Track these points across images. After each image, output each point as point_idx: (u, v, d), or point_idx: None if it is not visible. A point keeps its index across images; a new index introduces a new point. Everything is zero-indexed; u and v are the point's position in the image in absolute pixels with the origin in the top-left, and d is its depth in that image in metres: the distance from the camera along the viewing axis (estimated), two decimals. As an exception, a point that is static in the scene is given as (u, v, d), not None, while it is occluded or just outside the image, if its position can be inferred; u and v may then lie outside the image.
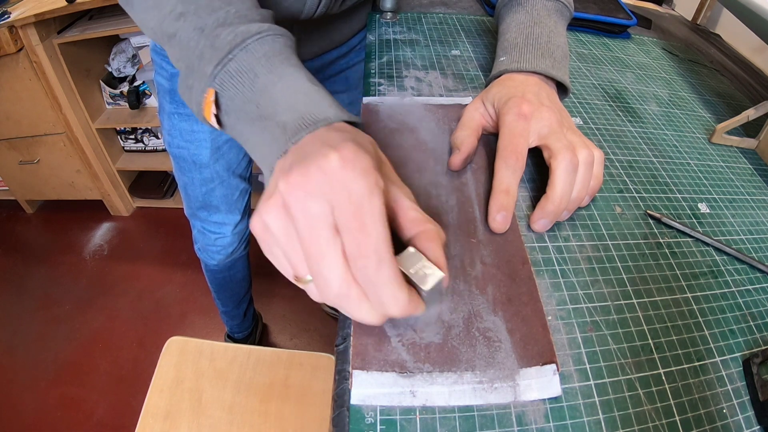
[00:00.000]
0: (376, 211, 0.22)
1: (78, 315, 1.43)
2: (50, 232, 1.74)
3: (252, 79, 0.28)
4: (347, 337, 0.29)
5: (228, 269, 0.97)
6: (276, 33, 0.30)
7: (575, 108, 0.52)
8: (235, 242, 0.90)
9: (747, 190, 0.45)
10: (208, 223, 0.85)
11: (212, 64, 0.28)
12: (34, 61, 1.28)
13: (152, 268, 1.56)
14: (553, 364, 0.27)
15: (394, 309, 0.24)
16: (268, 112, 0.27)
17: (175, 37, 0.31)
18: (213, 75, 0.28)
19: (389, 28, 0.63)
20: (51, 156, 1.54)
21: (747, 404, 0.28)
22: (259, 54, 0.29)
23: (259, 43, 0.29)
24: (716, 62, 0.73)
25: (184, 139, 0.70)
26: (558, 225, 0.37)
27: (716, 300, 0.34)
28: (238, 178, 0.80)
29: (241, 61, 0.28)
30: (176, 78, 0.64)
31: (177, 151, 0.73)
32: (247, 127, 0.28)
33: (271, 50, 0.29)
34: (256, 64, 0.28)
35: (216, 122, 0.30)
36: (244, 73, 0.28)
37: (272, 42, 0.29)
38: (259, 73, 0.28)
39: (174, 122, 0.69)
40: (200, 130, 0.69)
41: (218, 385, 0.70)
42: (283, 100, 0.27)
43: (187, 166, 0.74)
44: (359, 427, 0.25)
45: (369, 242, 0.22)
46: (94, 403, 1.21)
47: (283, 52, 0.30)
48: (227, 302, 1.12)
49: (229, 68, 0.28)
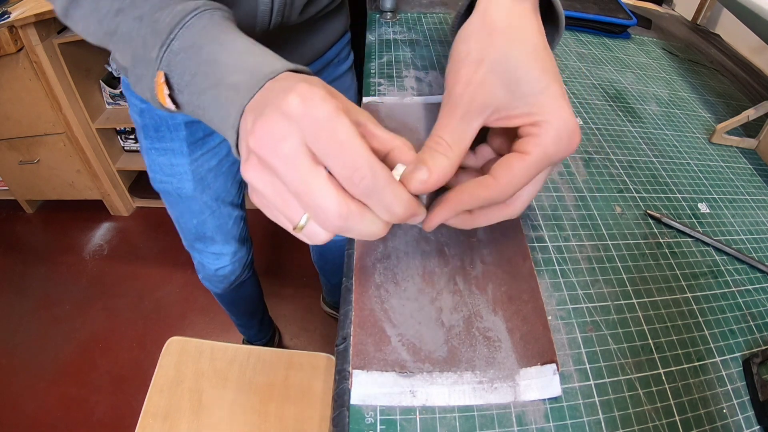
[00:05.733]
0: (348, 128, 0.22)
1: (78, 315, 1.43)
2: (50, 232, 1.74)
3: (197, 52, 0.28)
4: (347, 337, 0.29)
5: (235, 291, 0.96)
6: (214, 7, 0.31)
7: (575, 108, 0.52)
8: (237, 270, 0.88)
9: (747, 190, 0.45)
10: (206, 254, 0.84)
11: (156, 47, 0.29)
12: (34, 61, 1.28)
13: (152, 268, 1.56)
14: (553, 364, 0.27)
15: (399, 208, 0.24)
16: (218, 79, 0.28)
17: (116, 33, 0.31)
18: (159, 58, 0.29)
19: (389, 28, 0.63)
20: (51, 156, 1.54)
21: (747, 404, 0.28)
22: (199, 27, 0.29)
23: (198, 18, 0.29)
24: (716, 62, 0.73)
25: (165, 173, 0.69)
26: (558, 225, 0.37)
27: (716, 300, 0.34)
28: (229, 206, 0.77)
29: (183, 38, 0.29)
30: (146, 113, 0.62)
31: (161, 185, 0.71)
32: (202, 99, 0.29)
33: (210, 23, 0.30)
34: (198, 37, 0.29)
35: (172, 103, 0.30)
36: (189, 49, 0.29)
37: (210, 15, 0.30)
38: (203, 44, 0.29)
39: (152, 158, 0.67)
40: (179, 163, 0.67)
41: (218, 385, 0.70)
42: (230, 64, 0.28)
43: (174, 199, 0.73)
44: (359, 427, 0.25)
45: (354, 156, 0.22)
46: (94, 403, 1.21)
47: (222, 23, 0.30)
48: (240, 316, 1.12)
49: (173, 47, 0.29)
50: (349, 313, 0.30)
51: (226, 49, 0.29)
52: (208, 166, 0.69)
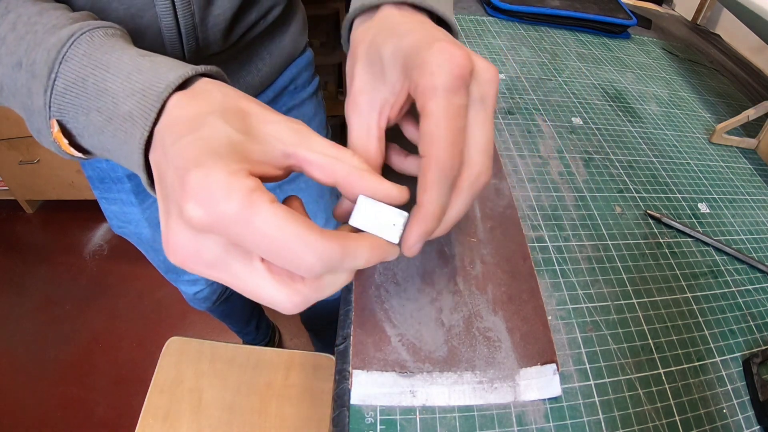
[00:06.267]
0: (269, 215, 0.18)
1: (78, 315, 1.43)
2: (50, 232, 1.74)
3: (82, 86, 0.24)
4: (347, 337, 0.29)
5: (223, 305, 0.93)
6: (92, 27, 0.26)
7: (575, 108, 0.52)
8: (217, 290, 0.85)
9: (747, 190, 0.45)
10: (181, 282, 0.81)
11: (41, 94, 0.25)
12: (34, 61, 1.28)
13: (152, 268, 1.53)
14: (553, 364, 0.27)
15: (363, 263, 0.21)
16: (111, 111, 0.24)
17: (2, 90, 0.27)
18: (47, 105, 0.25)
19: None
20: (51, 156, 1.53)
21: (747, 404, 0.28)
22: (80, 56, 0.25)
23: (76, 46, 0.25)
24: (716, 62, 0.73)
25: (120, 220, 0.64)
26: (558, 225, 0.37)
27: (716, 300, 0.34)
28: None
29: (65, 74, 0.25)
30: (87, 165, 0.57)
31: (120, 231, 0.67)
32: (102, 140, 0.25)
33: (90, 47, 0.25)
34: (80, 68, 0.25)
35: (78, 152, 0.27)
36: (73, 84, 0.25)
37: (89, 39, 0.25)
38: (87, 75, 0.24)
39: (105, 206, 0.63)
40: (131, 211, 0.61)
41: (218, 385, 0.70)
42: (119, 90, 0.24)
43: (135, 242, 0.70)
44: (359, 427, 0.25)
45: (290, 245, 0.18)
46: (94, 403, 1.21)
47: (105, 43, 0.26)
48: (235, 324, 1.11)
49: (57, 89, 0.25)
50: (349, 313, 0.30)
51: (112, 72, 0.24)
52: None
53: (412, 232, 0.22)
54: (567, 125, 0.49)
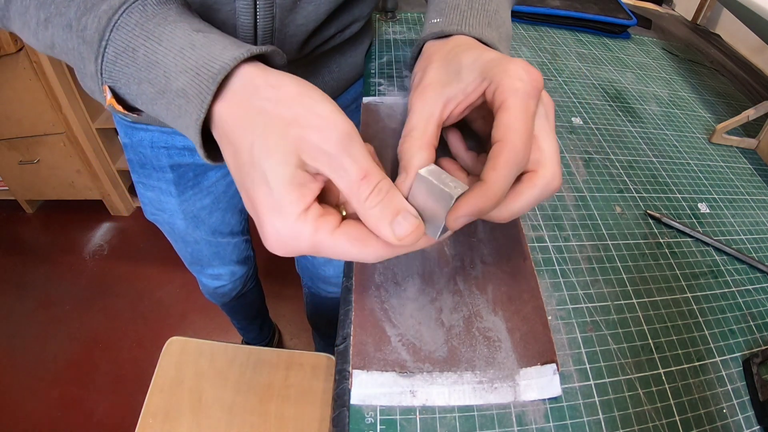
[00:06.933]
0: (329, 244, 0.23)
1: (78, 315, 1.43)
2: (50, 232, 1.74)
3: (132, 56, 0.25)
4: (347, 337, 0.29)
5: (237, 300, 0.94)
6: None
7: (575, 108, 0.52)
8: (237, 287, 0.86)
9: (747, 190, 0.45)
10: (204, 275, 0.81)
11: (92, 61, 0.25)
12: (34, 61, 1.28)
13: (152, 268, 1.55)
14: (553, 364, 0.27)
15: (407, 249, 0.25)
16: (163, 85, 0.24)
17: (54, 46, 0.28)
18: (98, 72, 0.26)
19: (389, 28, 0.63)
20: (51, 156, 1.54)
21: (747, 404, 0.28)
22: (131, 26, 0.25)
23: (127, 15, 0.25)
24: (716, 62, 0.73)
25: (155, 207, 0.64)
26: (558, 225, 0.37)
27: (716, 300, 0.34)
28: (228, 236, 0.72)
29: (116, 42, 0.25)
30: (129, 148, 0.57)
31: (153, 217, 0.67)
32: (156, 109, 0.26)
33: (142, 17, 0.25)
34: (131, 38, 0.25)
35: (133, 113, 0.28)
36: (123, 53, 0.25)
37: (141, 8, 0.25)
38: (137, 46, 0.25)
39: (141, 191, 0.63)
40: (167, 201, 0.61)
41: (218, 385, 0.70)
42: (171, 64, 0.24)
43: (167, 230, 0.69)
44: (359, 427, 0.25)
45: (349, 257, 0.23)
46: (94, 403, 1.21)
47: (157, 14, 0.26)
48: (241, 320, 1.12)
49: (108, 56, 0.25)
50: (349, 313, 0.30)
51: (164, 45, 0.24)
52: (201, 204, 0.64)
53: (468, 203, 0.23)
54: (567, 125, 0.49)
